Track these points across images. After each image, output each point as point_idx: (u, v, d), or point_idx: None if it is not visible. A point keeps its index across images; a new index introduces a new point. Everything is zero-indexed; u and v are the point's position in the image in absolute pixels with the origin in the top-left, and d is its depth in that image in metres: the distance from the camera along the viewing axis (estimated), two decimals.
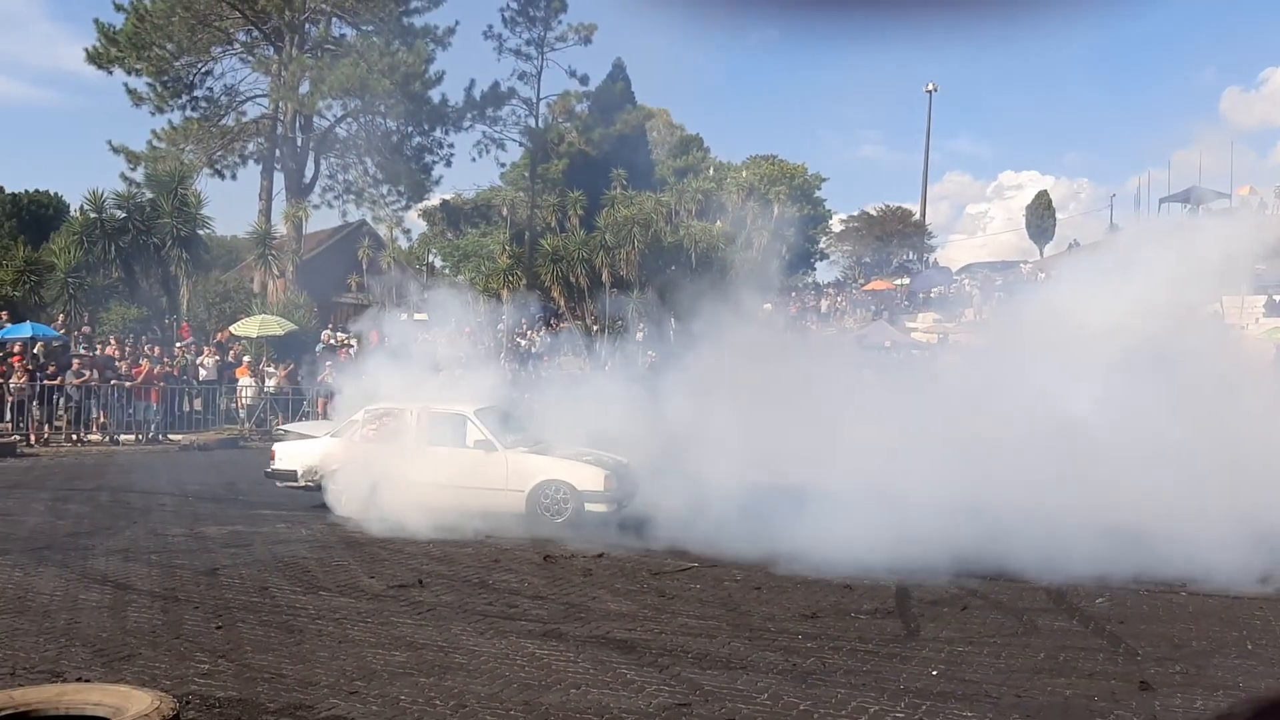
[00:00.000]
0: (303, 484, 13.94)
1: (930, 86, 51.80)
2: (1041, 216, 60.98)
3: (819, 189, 57.81)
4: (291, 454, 14.27)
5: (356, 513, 12.84)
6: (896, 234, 63.56)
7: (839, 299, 44.87)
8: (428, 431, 13.41)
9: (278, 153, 37.97)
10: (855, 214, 66.92)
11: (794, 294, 43.45)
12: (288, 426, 17.24)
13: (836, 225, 64.80)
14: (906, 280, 49.04)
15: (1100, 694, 6.54)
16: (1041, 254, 56.63)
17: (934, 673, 6.91)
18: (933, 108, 62.79)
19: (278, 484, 14.27)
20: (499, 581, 9.68)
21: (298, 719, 5.89)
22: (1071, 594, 9.36)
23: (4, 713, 5.25)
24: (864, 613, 8.66)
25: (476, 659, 7.09)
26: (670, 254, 38.14)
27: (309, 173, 38.62)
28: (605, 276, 37.36)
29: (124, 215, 30.78)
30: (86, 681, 6.15)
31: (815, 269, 60.90)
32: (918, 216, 58.95)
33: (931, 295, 42.58)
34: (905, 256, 62.34)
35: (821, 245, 62.32)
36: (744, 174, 46.85)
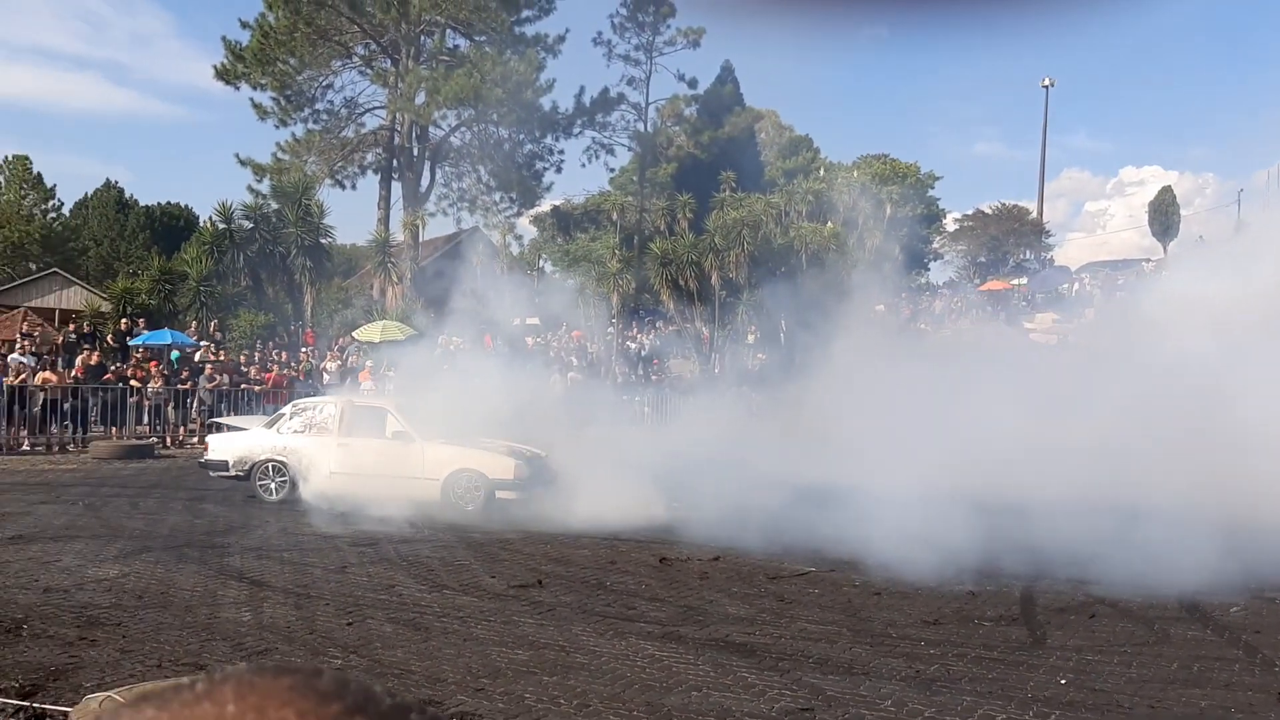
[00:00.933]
0: (233, 473, 14.84)
1: (1047, 81, 50.47)
2: (1165, 213, 58.80)
3: (932, 188, 56.85)
4: (223, 445, 15.22)
5: (283, 499, 14.16)
6: (1012, 233, 62.02)
7: (954, 300, 44.01)
8: (351, 424, 14.48)
9: (395, 162, 38.91)
10: (970, 213, 65.56)
11: (906, 295, 42.76)
12: (222, 420, 17.99)
13: (950, 225, 63.59)
14: (1024, 280, 47.83)
15: (1237, 705, 6.31)
16: (1165, 252, 54.68)
17: (1062, 681, 6.76)
18: (1050, 103, 61.08)
19: (210, 473, 15.14)
20: (616, 583, 9.77)
21: None
22: (1204, 603, 9.04)
23: None
24: (988, 620, 8.51)
25: (598, 659, 7.17)
26: (780, 256, 37.92)
27: (425, 181, 39.50)
28: (715, 279, 37.34)
29: (251, 225, 31.95)
30: None
31: (929, 269, 59.84)
32: (1034, 215, 57.47)
33: (1050, 295, 41.46)
34: (1022, 256, 60.81)
35: (935, 245, 61.21)
36: (855, 174, 46.32)
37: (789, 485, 15.42)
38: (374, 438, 14.30)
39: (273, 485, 14.50)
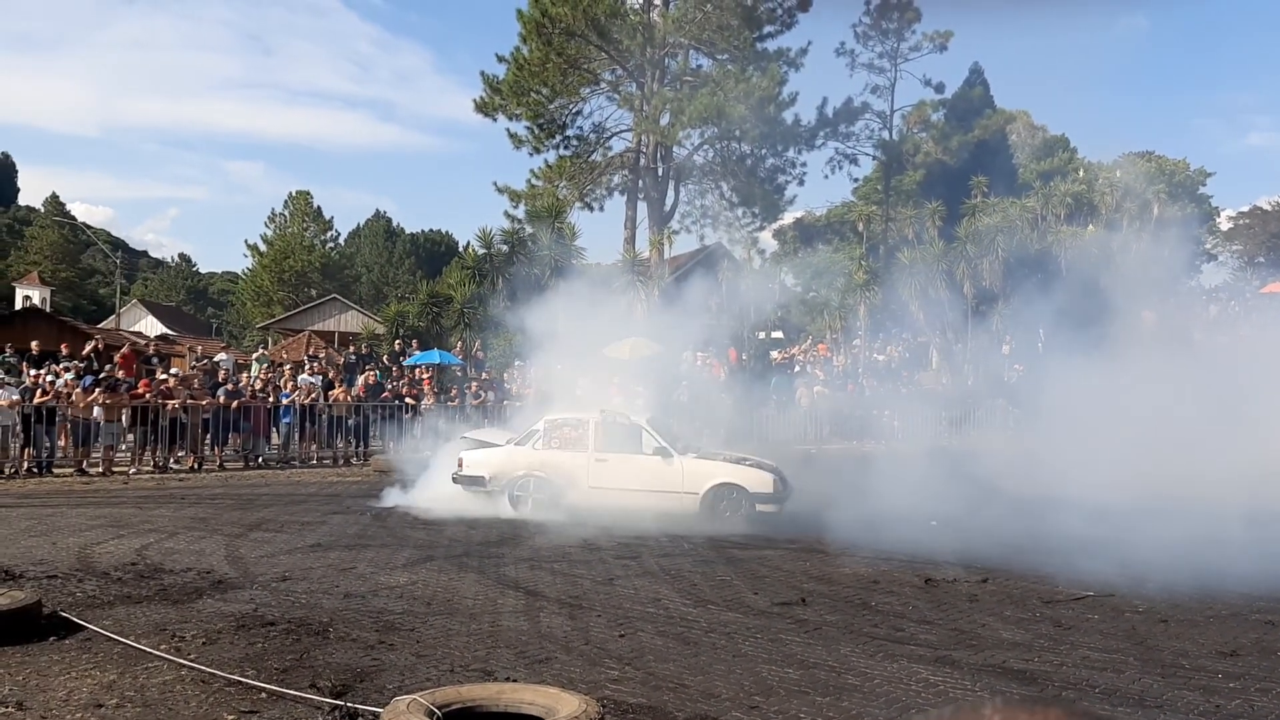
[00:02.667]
0: (489, 489, 15.02)
1: None
2: None
3: (1204, 185, 53.09)
4: (479, 461, 15.37)
5: (542, 515, 14.30)
6: None
7: (1231, 304, 40.83)
8: (606, 439, 14.86)
9: (640, 183, 39.87)
10: (1246, 209, 60.73)
11: (1177, 301, 40.00)
12: (470, 434, 17.96)
13: (1225, 223, 59.16)
14: None
15: None
16: None
17: None
18: None
19: (464, 489, 15.33)
20: (881, 603, 9.64)
21: None
22: None
23: (453, 707, 5.90)
24: None
25: (869, 681, 7.11)
26: (1037, 262, 36.32)
27: (669, 200, 40.26)
28: (967, 288, 36.19)
29: (508, 249, 33.56)
30: (515, 681, 6.77)
31: (1201, 272, 55.81)
32: None
33: None
34: None
35: (1208, 246, 57.05)
36: (1117, 174, 43.80)
37: (1046, 500, 14.85)
38: (632, 453, 14.80)
39: (530, 500, 14.88)
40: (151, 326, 60.50)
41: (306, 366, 25.54)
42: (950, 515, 14.30)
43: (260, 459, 21.73)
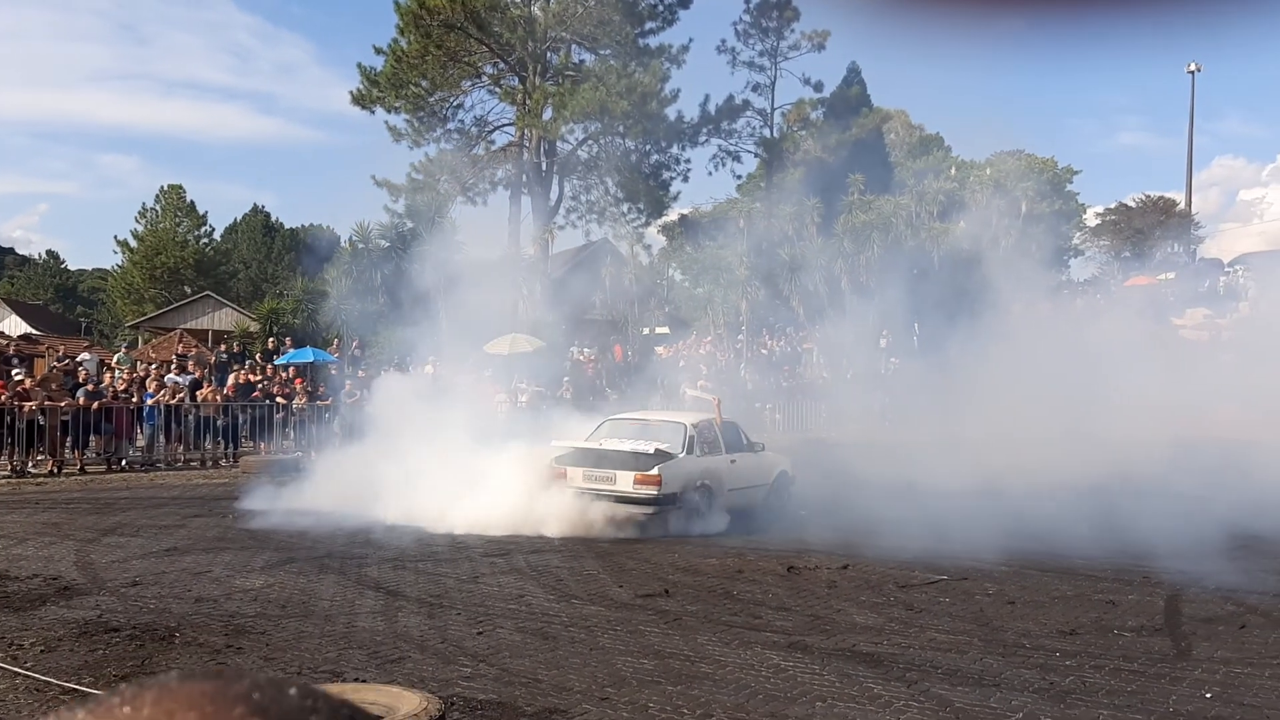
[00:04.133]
0: (680, 507, 13.36)
1: (1193, 66, 48.30)
2: None
3: (1070, 182, 55.01)
4: (673, 478, 13.14)
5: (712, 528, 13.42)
6: (1159, 226, 59.54)
7: (1097, 297, 42.49)
8: (726, 439, 14.51)
9: (524, 178, 39.63)
10: (1113, 206, 63.17)
11: (1045, 294, 41.43)
12: (622, 416, 15.69)
13: (1092, 219, 61.41)
14: (1172, 275, 45.83)
15: None
16: None
17: (1208, 695, 6.47)
18: (1200, 88, 58.52)
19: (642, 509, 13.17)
20: (742, 592, 9.75)
21: None
22: None
23: None
24: (1129, 630, 8.20)
25: (722, 669, 7.18)
26: (912, 258, 37.22)
27: (554, 195, 40.11)
28: (845, 283, 36.90)
29: (387, 244, 33.02)
30: (363, 682, 6.65)
31: (1069, 267, 57.86)
32: (1182, 206, 55.06)
33: (1201, 290, 39.65)
34: (1170, 249, 58.31)
35: (1075, 241, 59.19)
36: (988, 171, 45.13)
37: (914, 488, 15.33)
38: (744, 452, 14.59)
39: (703, 510, 13.39)
40: (15, 326, 57.90)
41: (173, 365, 24.71)
42: (820, 504, 14.64)
43: (124, 462, 20.93)
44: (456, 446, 14.39)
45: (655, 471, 12.78)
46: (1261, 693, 6.53)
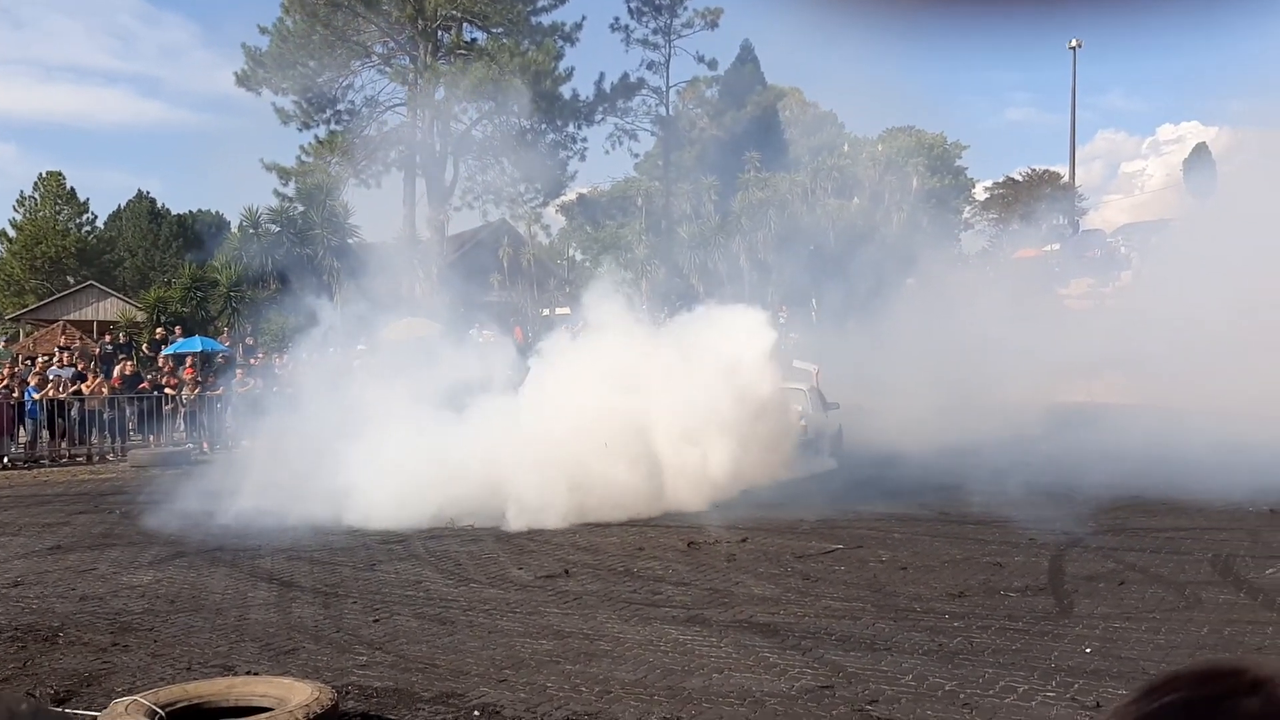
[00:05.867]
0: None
1: (1074, 43, 49.68)
2: (1201, 171, 57.84)
3: (960, 158, 56.25)
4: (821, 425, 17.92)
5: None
6: (1044, 199, 61.27)
7: (987, 270, 43.57)
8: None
9: (418, 159, 39.06)
10: (1001, 180, 64.78)
11: (937, 268, 42.35)
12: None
13: (981, 194, 62.91)
14: (1057, 246, 47.24)
15: None
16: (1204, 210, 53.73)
17: (1088, 650, 6.70)
18: (1084, 63, 60.20)
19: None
20: (643, 569, 9.79)
21: (449, 707, 6.09)
22: (1239, 565, 8.93)
23: (178, 705, 5.60)
24: (1014, 590, 8.45)
25: (621, 646, 7.19)
26: (808, 234, 37.72)
27: (449, 176, 39.63)
28: (743, 260, 37.24)
29: (278, 229, 32.25)
30: (254, 675, 6.51)
31: (960, 241, 59.21)
32: (1066, 179, 56.75)
33: (1085, 261, 40.96)
34: (1056, 221, 60.05)
35: (966, 215, 60.58)
36: (880, 148, 45.91)
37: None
38: (830, 408, 18.14)
39: (823, 451, 17.20)
40: None
41: (56, 358, 23.79)
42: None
43: (5, 460, 20.11)
44: (356, 433, 14.11)
45: (802, 421, 16.44)
46: (1138, 646, 6.79)
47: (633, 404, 13.12)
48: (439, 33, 38.18)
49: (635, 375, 13.42)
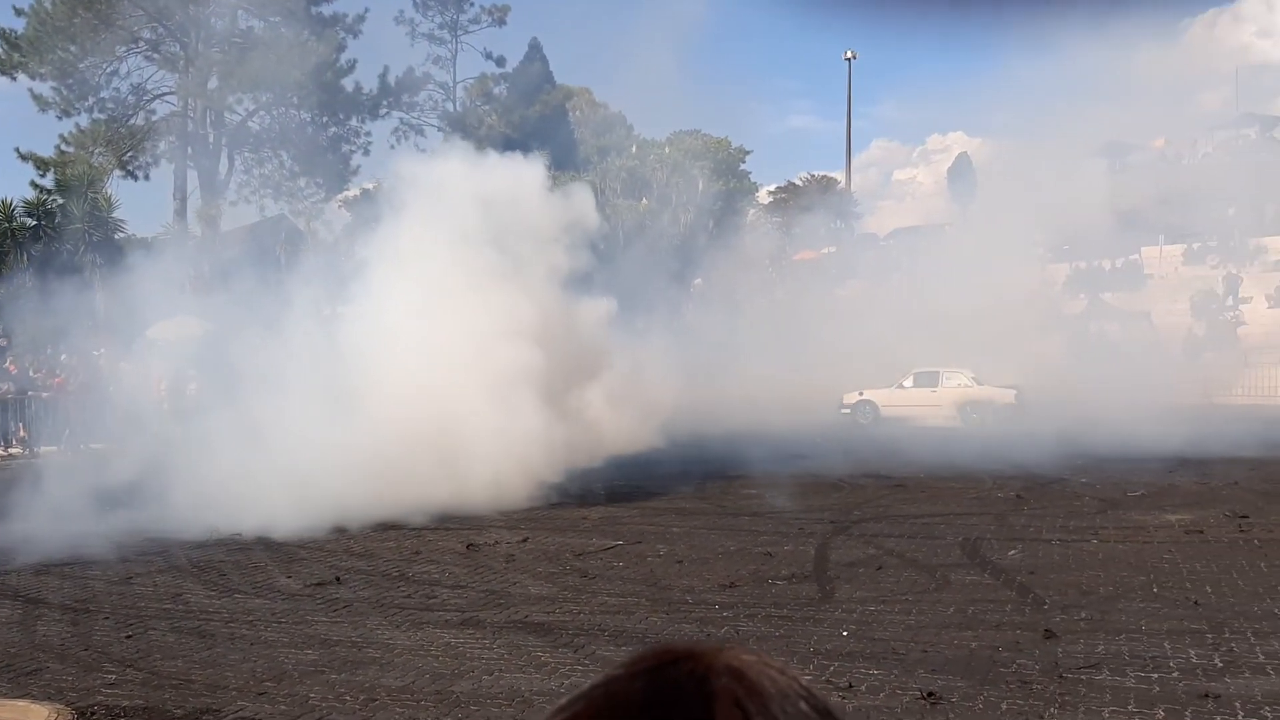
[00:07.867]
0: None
1: (849, 54, 52.11)
2: (963, 178, 61.64)
3: (743, 162, 57.89)
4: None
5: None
6: (822, 203, 63.90)
7: (770, 271, 45.07)
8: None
9: (189, 150, 37.17)
10: (783, 185, 67.13)
11: (722, 269, 43.52)
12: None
13: (765, 197, 65.00)
14: (834, 249, 49.41)
15: (1005, 644, 6.67)
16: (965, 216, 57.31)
17: (844, 633, 7.01)
18: (862, 75, 63.09)
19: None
20: (419, 573, 9.61)
21: None
22: (985, 548, 9.54)
23: None
24: (781, 579, 8.75)
25: (390, 652, 7.03)
26: (596, 234, 37.98)
27: (223, 169, 37.89)
28: None
29: (35, 223, 30.00)
30: None
31: (745, 242, 60.94)
32: (843, 185, 59.39)
33: (860, 262, 43.01)
34: (834, 225, 62.68)
35: (750, 218, 62.46)
36: (667, 150, 46.76)
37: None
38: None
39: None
40: None
41: None
42: None
43: None
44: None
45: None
46: (891, 627, 7.15)
47: None
48: (212, 19, 36.44)
49: None
